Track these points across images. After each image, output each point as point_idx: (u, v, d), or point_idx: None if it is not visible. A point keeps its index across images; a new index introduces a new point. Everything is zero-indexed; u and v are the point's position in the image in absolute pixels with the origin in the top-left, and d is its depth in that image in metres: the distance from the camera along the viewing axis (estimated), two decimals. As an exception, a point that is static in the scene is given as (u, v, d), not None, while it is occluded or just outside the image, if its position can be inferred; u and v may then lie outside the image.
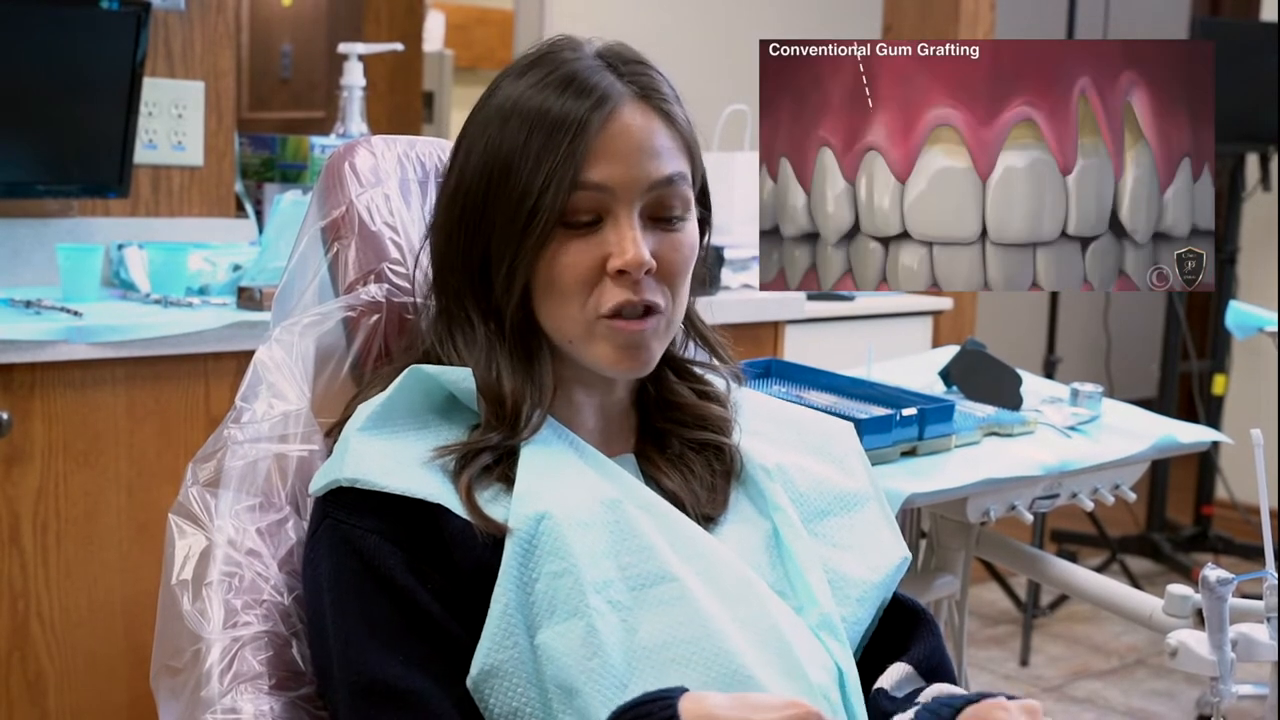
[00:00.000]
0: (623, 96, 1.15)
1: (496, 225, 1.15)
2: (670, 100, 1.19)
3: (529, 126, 1.14)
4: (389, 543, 1.09)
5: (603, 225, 1.14)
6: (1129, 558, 4.33)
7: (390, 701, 1.05)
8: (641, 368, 1.18)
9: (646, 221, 1.16)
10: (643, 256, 1.13)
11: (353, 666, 1.07)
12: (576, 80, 1.15)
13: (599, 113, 1.14)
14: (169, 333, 2.09)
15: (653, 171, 1.15)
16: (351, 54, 2.73)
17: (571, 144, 1.12)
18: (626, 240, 1.13)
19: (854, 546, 1.23)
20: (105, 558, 2.08)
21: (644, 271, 1.14)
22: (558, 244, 1.14)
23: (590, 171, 1.13)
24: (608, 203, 1.14)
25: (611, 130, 1.14)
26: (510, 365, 1.16)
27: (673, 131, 1.18)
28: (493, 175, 1.16)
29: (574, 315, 1.15)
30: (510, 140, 1.15)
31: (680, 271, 1.17)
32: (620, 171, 1.14)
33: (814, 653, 1.17)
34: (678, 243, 1.17)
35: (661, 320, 1.17)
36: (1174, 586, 1.80)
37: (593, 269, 1.14)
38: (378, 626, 1.08)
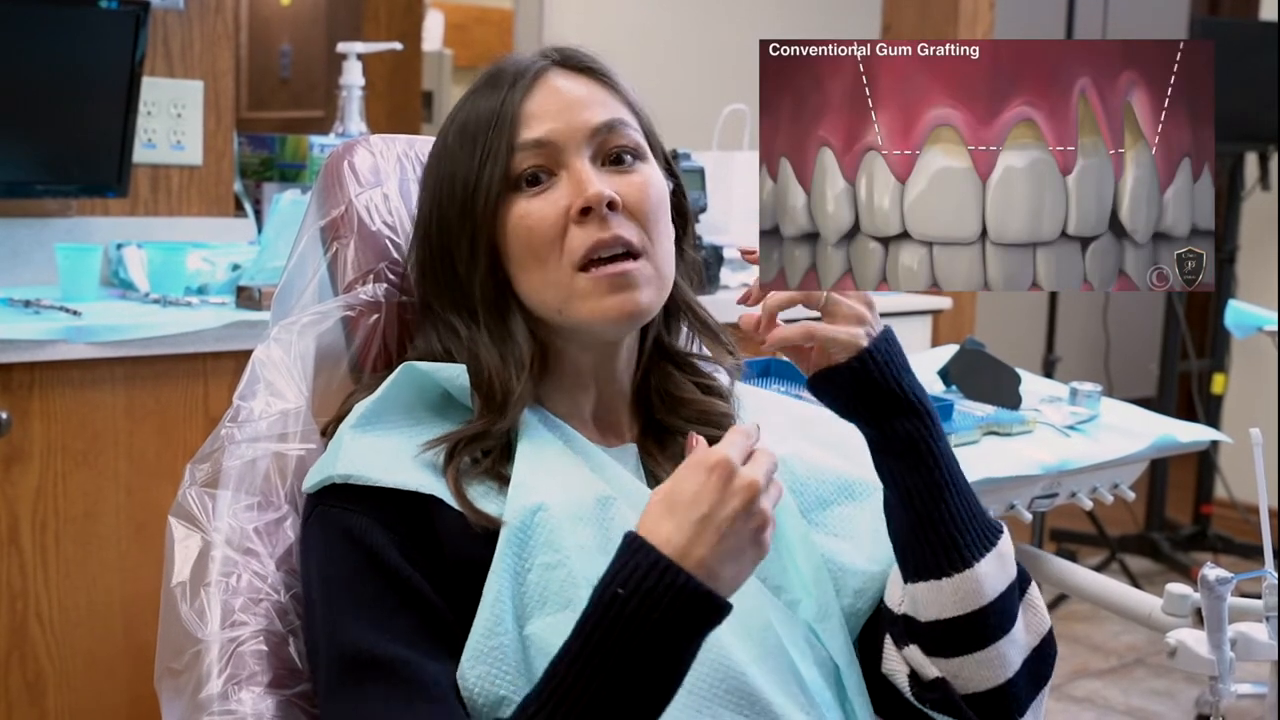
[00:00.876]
0: (545, 66, 1.18)
1: (451, 218, 1.17)
2: (599, 64, 1.20)
3: (461, 130, 1.17)
4: (381, 526, 1.09)
5: (557, 179, 1.15)
6: (1128, 557, 4.33)
7: (374, 671, 1.04)
8: (636, 311, 1.15)
9: (601, 168, 1.16)
10: (602, 189, 1.13)
11: (337, 640, 1.07)
12: (498, 72, 1.18)
13: (521, 82, 1.16)
14: (168, 332, 2.09)
15: (591, 118, 1.16)
16: (350, 53, 2.73)
17: (500, 117, 1.15)
18: (583, 180, 1.13)
19: (855, 537, 1.23)
20: (104, 557, 2.08)
21: (607, 205, 1.13)
22: (517, 212, 1.15)
23: (524, 133, 1.15)
24: (554, 155, 1.15)
25: (539, 94, 1.16)
26: (494, 351, 1.16)
27: (608, 89, 1.19)
28: (441, 186, 1.18)
29: (551, 278, 1.14)
30: (450, 151, 1.18)
31: (650, 210, 1.16)
32: (556, 125, 1.15)
33: (808, 648, 1.17)
34: (639, 182, 1.16)
35: (647, 265, 1.15)
36: (1173, 586, 1.80)
37: (556, 221, 1.14)
38: (365, 603, 1.07)
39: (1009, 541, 1.18)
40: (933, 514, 1.13)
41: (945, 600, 1.14)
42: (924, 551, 1.14)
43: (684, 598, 0.97)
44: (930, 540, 1.14)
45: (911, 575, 1.16)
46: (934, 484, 1.13)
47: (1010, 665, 1.16)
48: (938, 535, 1.13)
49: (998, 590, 1.15)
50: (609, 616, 0.98)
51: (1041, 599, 1.22)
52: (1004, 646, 1.15)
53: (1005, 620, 1.16)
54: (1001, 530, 1.18)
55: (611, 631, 0.97)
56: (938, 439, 1.14)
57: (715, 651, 1.09)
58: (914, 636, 1.17)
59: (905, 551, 1.16)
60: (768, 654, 1.13)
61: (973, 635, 1.14)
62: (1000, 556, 1.15)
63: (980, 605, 1.14)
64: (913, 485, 1.13)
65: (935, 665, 1.16)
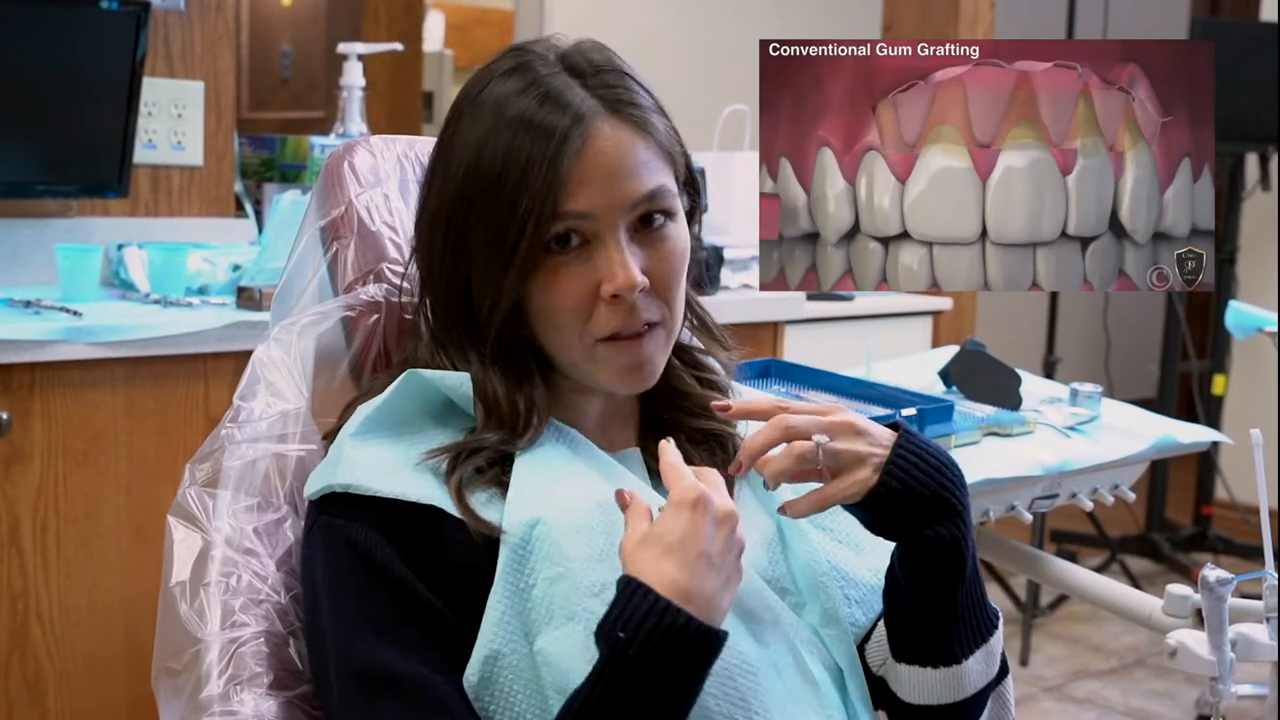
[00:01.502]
0: (595, 114, 1.12)
1: (477, 257, 1.14)
2: (644, 109, 1.15)
3: (502, 158, 1.11)
4: (384, 537, 1.09)
5: (590, 248, 1.13)
6: (1128, 558, 4.33)
7: (388, 689, 1.05)
8: (645, 383, 1.17)
9: (633, 234, 1.14)
10: (634, 278, 1.11)
11: (349, 656, 1.07)
12: (543, 112, 1.12)
13: (572, 137, 1.11)
14: (168, 333, 2.09)
15: (633, 191, 1.12)
16: (351, 54, 2.73)
17: (548, 175, 1.10)
18: (615, 264, 1.11)
19: (858, 544, 1.23)
20: (104, 557, 2.08)
21: (637, 292, 1.12)
22: (546, 271, 1.12)
23: (570, 201, 1.11)
24: (592, 226, 1.12)
25: (587, 156, 1.11)
26: (503, 384, 1.16)
27: (649, 142, 1.15)
28: (471, 206, 1.13)
29: (572, 342, 1.14)
30: (486, 169, 1.12)
31: (673, 281, 1.16)
32: (600, 196, 1.11)
33: (815, 652, 1.17)
34: (667, 252, 1.15)
35: (660, 332, 1.16)
36: (1173, 586, 1.80)
37: (585, 295, 1.12)
38: (374, 616, 1.07)
39: (1000, 637, 1.20)
40: (941, 608, 1.15)
41: (929, 688, 1.17)
42: (921, 640, 1.16)
43: (688, 636, 1.00)
44: (930, 632, 1.16)
45: (901, 656, 1.18)
46: (955, 582, 1.14)
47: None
48: (941, 628, 1.15)
49: (978, 686, 1.18)
50: (614, 659, 1.00)
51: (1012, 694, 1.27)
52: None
53: (976, 713, 1.20)
54: (996, 623, 1.20)
55: (618, 674, 0.99)
56: (969, 538, 1.14)
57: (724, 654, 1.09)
58: (885, 703, 1.21)
59: (900, 633, 1.18)
60: (774, 652, 1.14)
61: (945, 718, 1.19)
62: (988, 654, 1.18)
63: (958, 699, 1.17)
64: (932, 580, 1.14)
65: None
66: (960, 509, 1.13)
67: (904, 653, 1.17)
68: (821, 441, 1.10)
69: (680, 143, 1.20)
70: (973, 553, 1.15)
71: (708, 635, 1.00)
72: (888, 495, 1.11)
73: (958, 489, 1.13)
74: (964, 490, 1.14)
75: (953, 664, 1.16)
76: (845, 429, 1.12)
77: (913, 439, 1.13)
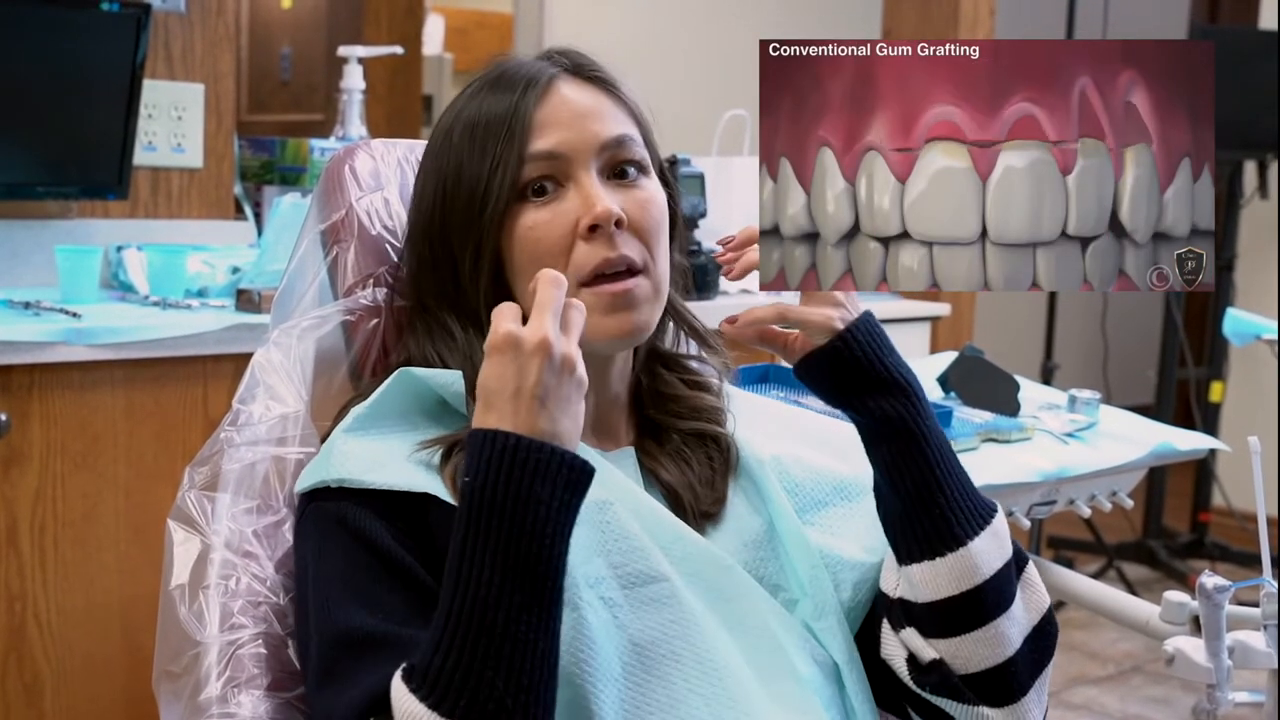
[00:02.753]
0: (557, 74, 1.18)
1: (456, 223, 1.16)
2: (606, 74, 1.20)
3: (470, 130, 1.17)
4: (374, 515, 1.09)
5: (564, 191, 1.15)
6: (1126, 564, 4.33)
7: (369, 647, 1.03)
8: (635, 331, 1.16)
9: (607, 181, 1.16)
10: (611, 207, 1.13)
11: (332, 624, 1.06)
12: (506, 74, 1.18)
13: (533, 90, 1.16)
14: (167, 335, 2.09)
15: (600, 132, 1.16)
16: (351, 57, 2.74)
17: (511, 124, 1.14)
18: (591, 196, 1.14)
19: (851, 534, 1.23)
20: (103, 559, 2.08)
21: (614, 223, 1.13)
22: (523, 221, 1.14)
23: (536, 143, 1.14)
24: (562, 168, 1.15)
25: (550, 103, 1.16)
26: None
27: (615, 100, 1.19)
28: (445, 185, 1.17)
29: None
30: (456, 150, 1.17)
31: (652, 228, 1.17)
32: (567, 136, 1.15)
33: (804, 647, 1.17)
34: (644, 199, 1.17)
35: (646, 282, 1.16)
36: (1171, 593, 1.80)
37: (563, 235, 1.14)
38: (362, 587, 1.07)
39: (1003, 520, 1.18)
40: (923, 493, 1.13)
41: (941, 580, 1.13)
42: (917, 532, 1.14)
43: (520, 454, 0.98)
44: (922, 520, 1.14)
45: (905, 557, 1.15)
46: (923, 463, 1.13)
47: (1010, 643, 1.15)
48: (929, 515, 1.13)
49: (994, 568, 1.14)
50: (466, 505, 0.99)
51: (1039, 578, 1.21)
52: (1003, 624, 1.15)
53: (1003, 598, 1.15)
54: (995, 509, 1.18)
55: (474, 517, 0.98)
56: (924, 417, 1.14)
57: (713, 654, 1.10)
58: (911, 619, 1.17)
59: (898, 534, 1.16)
60: (764, 653, 1.14)
61: (971, 614, 1.14)
62: (995, 534, 1.15)
63: (977, 583, 1.13)
64: (902, 465, 1.13)
65: (934, 647, 1.16)
66: (915, 389, 1.14)
67: (910, 552, 1.15)
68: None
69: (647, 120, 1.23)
70: (939, 438, 1.15)
71: (540, 449, 0.98)
72: (849, 347, 1.12)
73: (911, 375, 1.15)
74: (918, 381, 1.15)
75: (958, 547, 1.13)
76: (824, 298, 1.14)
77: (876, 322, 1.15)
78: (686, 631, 1.10)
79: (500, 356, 1.01)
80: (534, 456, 0.99)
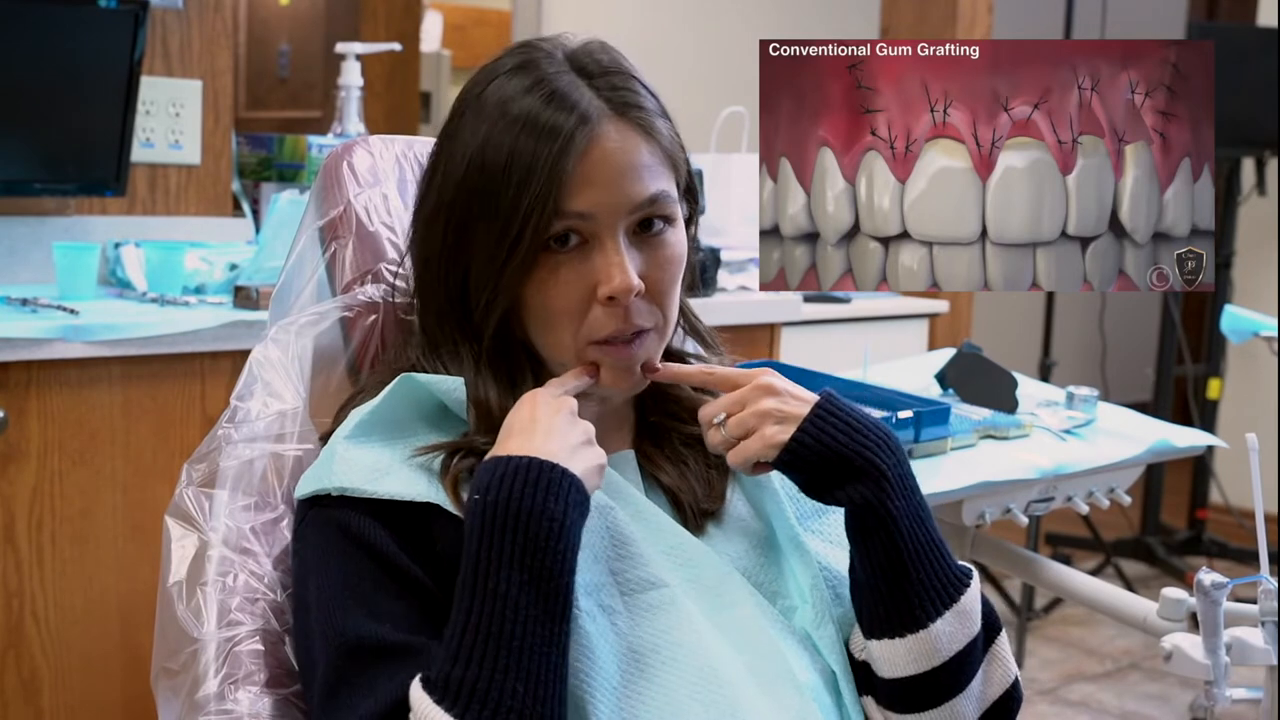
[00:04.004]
0: (600, 115, 1.12)
1: (476, 253, 1.14)
2: (649, 113, 1.15)
3: (506, 154, 1.11)
4: (377, 523, 1.09)
5: (589, 248, 1.13)
6: (1123, 561, 4.33)
7: (380, 656, 1.04)
8: (635, 387, 1.18)
9: (632, 237, 1.14)
10: (630, 282, 1.11)
11: (339, 632, 1.06)
12: (548, 112, 1.11)
13: (577, 137, 1.10)
14: (165, 331, 2.09)
15: (635, 195, 1.12)
16: (349, 54, 2.73)
17: (551, 174, 1.10)
18: (613, 266, 1.11)
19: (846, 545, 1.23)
20: (100, 556, 2.08)
21: (633, 295, 1.12)
22: (543, 270, 1.12)
23: (571, 200, 1.10)
24: (592, 228, 1.12)
25: (591, 157, 1.11)
26: (496, 385, 1.16)
27: (653, 146, 1.15)
28: (472, 202, 1.13)
29: (565, 342, 1.15)
30: (490, 165, 1.12)
31: (669, 288, 1.16)
32: (602, 197, 1.11)
33: (803, 654, 1.17)
34: (665, 258, 1.15)
35: (653, 337, 1.17)
36: (1169, 590, 1.80)
37: (582, 297, 1.13)
38: (366, 595, 1.07)
39: (975, 593, 1.18)
40: (890, 574, 1.14)
41: (900, 659, 1.15)
42: (881, 610, 1.15)
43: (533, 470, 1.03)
44: (886, 599, 1.14)
45: (868, 632, 1.17)
46: (889, 545, 1.13)
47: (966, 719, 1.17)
48: (894, 595, 1.14)
49: (955, 649, 1.15)
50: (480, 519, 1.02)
51: (1009, 649, 1.23)
52: (959, 704, 1.16)
53: (963, 677, 1.16)
54: (967, 583, 1.17)
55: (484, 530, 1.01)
56: (892, 497, 1.14)
57: (712, 660, 1.10)
58: (871, 689, 1.19)
59: (863, 607, 1.17)
60: (763, 660, 1.14)
61: (928, 693, 1.15)
62: (960, 614, 1.16)
63: (935, 665, 1.15)
64: (869, 545, 1.14)
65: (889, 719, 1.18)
66: (881, 469, 1.13)
67: (872, 628, 1.16)
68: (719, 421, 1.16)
69: (682, 148, 1.20)
70: (911, 514, 1.14)
71: (553, 469, 1.03)
72: (802, 452, 1.12)
73: (879, 450, 1.14)
74: (888, 451, 1.14)
75: (918, 629, 1.14)
76: (761, 392, 1.15)
77: (835, 402, 1.15)
78: (685, 638, 1.10)
79: (525, 403, 1.10)
80: (545, 475, 1.03)
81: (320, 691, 1.06)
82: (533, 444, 1.05)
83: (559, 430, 1.07)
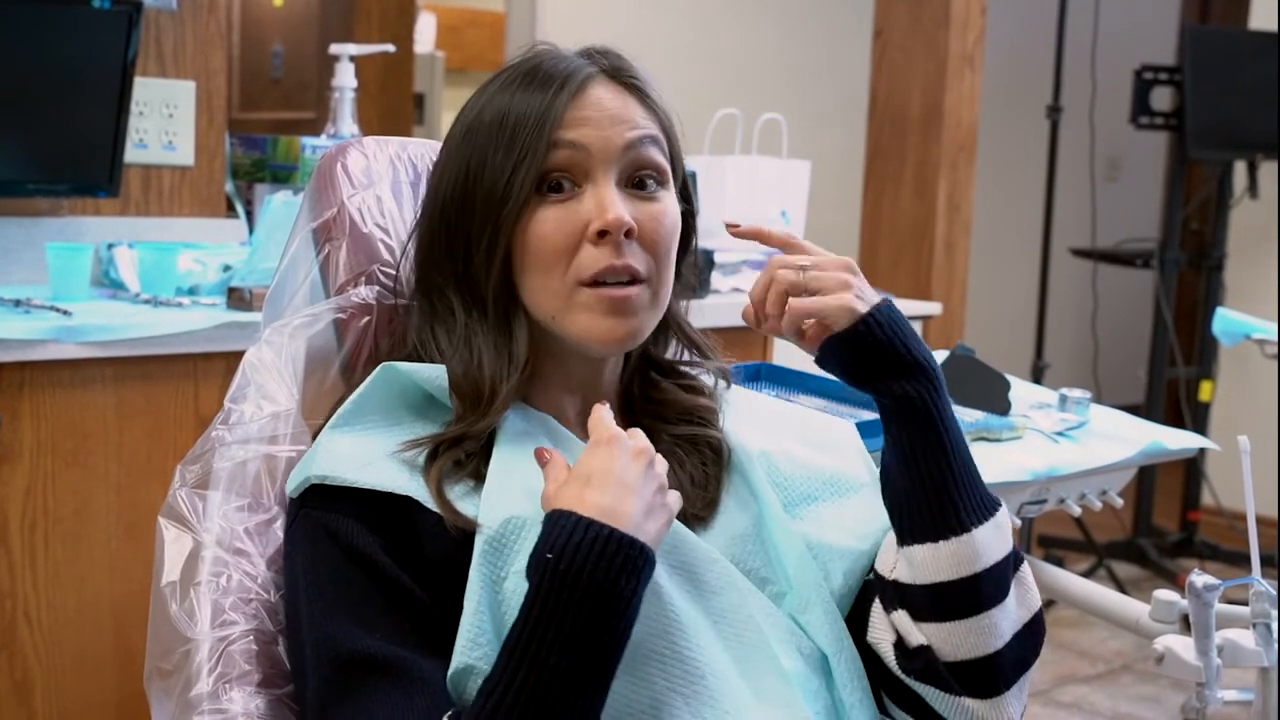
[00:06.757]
0: (592, 74, 1.18)
1: (476, 210, 1.16)
2: (643, 81, 1.20)
3: (500, 119, 1.16)
4: (364, 528, 1.09)
5: (581, 193, 1.15)
6: (1115, 563, 4.34)
7: (370, 670, 1.04)
8: (627, 338, 1.17)
9: (624, 190, 1.16)
10: (622, 215, 1.13)
11: (329, 643, 1.06)
12: (543, 68, 1.18)
13: (568, 87, 1.15)
14: (158, 333, 2.09)
15: (626, 133, 1.16)
16: (343, 55, 2.73)
17: (542, 119, 1.14)
18: (605, 201, 1.14)
19: (840, 525, 1.23)
20: (93, 557, 2.08)
21: (624, 233, 1.14)
22: (536, 213, 1.15)
23: (563, 132, 1.14)
24: (583, 163, 1.15)
25: (582, 100, 1.16)
26: (491, 345, 1.16)
27: (645, 108, 1.19)
28: (469, 171, 1.17)
29: (554, 286, 1.15)
30: (484, 137, 1.17)
31: (662, 241, 1.17)
32: (593, 133, 1.15)
33: (792, 640, 1.17)
34: (658, 212, 1.17)
35: (647, 291, 1.17)
36: (1161, 592, 1.80)
37: (572, 235, 1.14)
38: (355, 604, 1.07)
39: (1006, 514, 1.19)
40: (935, 476, 1.14)
41: (942, 563, 1.14)
42: (924, 514, 1.15)
43: (613, 546, 1.01)
44: (930, 503, 1.15)
45: (908, 538, 1.16)
46: (938, 446, 1.15)
47: (1000, 636, 1.16)
48: (938, 498, 1.14)
49: (994, 558, 1.15)
50: (545, 581, 1.00)
51: (1033, 578, 1.22)
52: (996, 615, 1.15)
53: (999, 590, 1.16)
54: (1000, 504, 1.18)
55: (551, 595, 1.00)
56: (944, 402, 1.15)
57: (696, 651, 1.10)
58: (904, 602, 1.17)
59: (904, 514, 1.17)
60: (748, 649, 1.14)
61: (966, 600, 1.15)
62: (998, 526, 1.16)
63: (976, 570, 1.14)
64: (916, 447, 1.15)
65: (924, 631, 1.16)
66: (934, 372, 1.15)
67: (912, 533, 1.16)
68: (805, 264, 1.15)
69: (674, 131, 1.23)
70: (954, 424, 1.16)
71: (633, 545, 1.01)
72: (869, 330, 1.13)
73: (934, 364, 1.16)
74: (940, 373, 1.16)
75: (963, 532, 1.14)
76: (844, 267, 1.16)
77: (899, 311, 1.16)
78: (668, 629, 1.10)
79: (606, 448, 1.06)
80: (624, 551, 1.02)
81: (313, 708, 1.07)
82: (611, 502, 1.03)
83: (637, 488, 1.05)
